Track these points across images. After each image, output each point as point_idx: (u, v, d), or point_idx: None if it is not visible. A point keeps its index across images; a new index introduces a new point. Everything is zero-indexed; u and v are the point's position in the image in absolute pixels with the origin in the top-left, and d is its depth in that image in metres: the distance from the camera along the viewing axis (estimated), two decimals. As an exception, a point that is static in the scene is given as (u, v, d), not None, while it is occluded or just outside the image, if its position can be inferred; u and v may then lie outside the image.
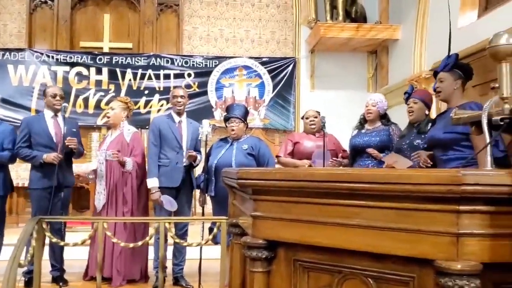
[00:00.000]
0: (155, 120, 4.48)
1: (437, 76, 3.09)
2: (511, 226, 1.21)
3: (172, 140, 4.24)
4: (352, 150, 4.11)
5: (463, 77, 3.04)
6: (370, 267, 1.40)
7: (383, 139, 3.90)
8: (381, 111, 4.02)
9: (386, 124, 4.00)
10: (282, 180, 1.54)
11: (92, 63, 7.59)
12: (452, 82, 3.01)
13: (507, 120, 1.34)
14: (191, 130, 4.35)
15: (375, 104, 4.00)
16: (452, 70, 3.02)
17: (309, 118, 4.39)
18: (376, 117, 4.01)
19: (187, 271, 4.33)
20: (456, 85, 3.01)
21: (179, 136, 4.27)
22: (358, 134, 4.06)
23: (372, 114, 4.00)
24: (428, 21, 6.05)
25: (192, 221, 4.43)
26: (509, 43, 1.36)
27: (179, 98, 4.33)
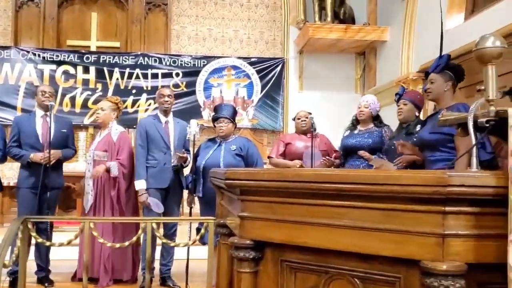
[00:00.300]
0: (141, 121, 4.48)
1: (428, 77, 3.10)
2: (496, 227, 1.23)
3: (159, 141, 4.22)
4: (343, 151, 4.12)
5: (454, 79, 3.04)
6: (357, 268, 1.41)
7: (376, 140, 3.91)
8: (374, 112, 4.04)
9: (378, 126, 4.02)
10: (269, 180, 1.54)
11: (79, 62, 7.52)
12: (442, 83, 3.02)
13: (493, 122, 1.35)
14: (178, 130, 4.33)
15: (368, 106, 4.02)
16: (443, 71, 3.02)
17: (300, 118, 4.40)
18: (368, 118, 4.03)
19: (175, 271, 4.32)
20: (447, 87, 3.02)
21: (166, 137, 4.25)
22: (350, 135, 4.08)
23: (364, 115, 4.01)
24: (416, 23, 6.09)
25: (180, 221, 4.41)
26: (495, 46, 1.37)
27: (166, 97, 4.31)
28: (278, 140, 4.67)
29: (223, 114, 4.10)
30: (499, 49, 1.38)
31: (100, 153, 4.26)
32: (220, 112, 4.14)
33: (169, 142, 4.24)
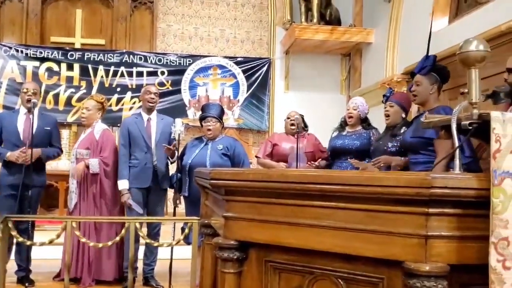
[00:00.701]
0: (124, 121, 4.46)
1: (414, 78, 3.11)
2: (478, 228, 1.24)
3: (140, 140, 4.20)
4: (331, 152, 4.14)
5: (439, 81, 3.06)
6: (341, 268, 1.42)
7: (363, 142, 3.93)
8: (362, 114, 4.05)
9: (366, 128, 4.04)
10: (254, 181, 1.54)
11: (63, 59, 7.43)
12: (428, 86, 3.03)
13: (476, 125, 1.36)
14: (161, 127, 4.29)
15: (356, 108, 4.03)
16: (429, 74, 3.03)
17: (290, 117, 4.39)
18: (356, 121, 4.04)
19: (158, 271, 4.29)
20: (432, 90, 3.03)
21: (147, 136, 4.22)
22: (338, 136, 4.09)
23: (353, 117, 4.02)
24: (401, 25, 6.14)
25: (164, 221, 4.38)
26: (479, 49, 1.39)
27: (152, 94, 4.28)
28: (267, 140, 4.67)
29: (211, 114, 4.06)
30: (483, 53, 1.39)
31: (83, 151, 4.22)
32: (208, 111, 4.11)
33: (150, 142, 4.21)
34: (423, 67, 3.03)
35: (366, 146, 3.91)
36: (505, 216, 1.17)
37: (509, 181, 1.18)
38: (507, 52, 4.10)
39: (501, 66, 4.10)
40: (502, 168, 1.19)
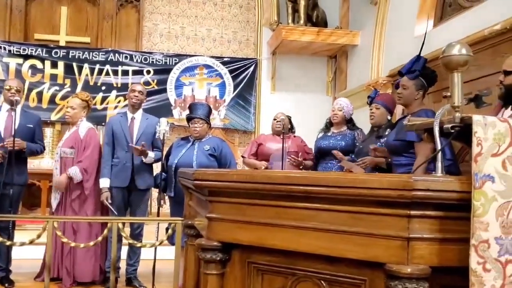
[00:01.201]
0: (110, 120, 4.45)
1: (401, 80, 3.10)
2: (459, 231, 1.25)
3: (122, 139, 4.17)
4: (317, 153, 4.16)
5: (426, 87, 3.06)
6: (324, 270, 1.42)
7: (348, 143, 3.97)
8: (347, 115, 4.09)
9: (351, 129, 4.08)
10: (238, 182, 1.53)
11: (47, 56, 7.34)
12: (414, 91, 3.02)
13: (458, 128, 1.38)
14: (144, 126, 4.25)
15: (341, 108, 4.07)
16: (417, 78, 3.02)
17: (276, 119, 4.41)
18: (342, 121, 4.08)
19: (141, 271, 4.26)
20: (418, 96, 3.04)
21: (128, 135, 4.18)
22: (324, 137, 4.13)
23: (338, 118, 4.06)
24: (386, 28, 6.19)
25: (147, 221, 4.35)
26: (461, 53, 1.40)
27: (136, 92, 4.25)
28: (253, 140, 4.69)
29: (198, 115, 4.04)
30: (465, 57, 1.41)
31: (67, 150, 4.17)
32: (195, 112, 4.08)
33: (131, 141, 4.18)
34: (412, 71, 3.02)
35: (350, 147, 3.95)
36: (486, 219, 1.19)
37: (490, 184, 1.20)
38: (490, 56, 4.16)
39: (484, 70, 4.17)
40: (483, 171, 1.20)
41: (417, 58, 3.02)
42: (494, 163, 1.21)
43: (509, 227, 1.20)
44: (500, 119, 1.25)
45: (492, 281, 1.18)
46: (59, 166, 4.17)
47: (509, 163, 1.21)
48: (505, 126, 1.23)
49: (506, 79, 2.52)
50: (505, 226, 1.19)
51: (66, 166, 4.14)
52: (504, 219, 1.19)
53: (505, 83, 2.53)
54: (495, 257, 1.19)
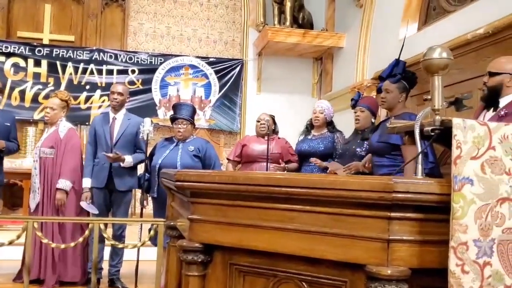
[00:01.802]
0: (93, 119, 4.45)
1: (384, 85, 3.16)
2: (438, 233, 1.26)
3: (102, 139, 4.16)
4: (298, 156, 4.19)
5: (407, 89, 3.14)
6: (305, 271, 1.42)
7: (327, 146, 4.00)
8: (328, 118, 4.13)
9: (331, 131, 4.11)
10: (220, 183, 1.53)
11: (31, 55, 7.25)
12: (397, 94, 3.10)
13: (438, 131, 1.39)
14: (126, 126, 4.22)
15: (323, 111, 4.10)
16: (399, 82, 3.09)
17: (260, 121, 4.41)
18: (323, 124, 4.11)
19: (124, 272, 4.23)
20: (401, 98, 3.12)
21: (108, 135, 4.16)
22: (304, 140, 4.16)
23: (319, 121, 4.09)
24: (371, 31, 6.23)
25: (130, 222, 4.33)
26: (442, 57, 1.41)
27: (115, 94, 4.22)
28: (238, 142, 4.70)
29: (182, 115, 4.00)
30: (446, 61, 1.42)
31: (46, 150, 4.12)
32: (179, 112, 4.04)
33: (111, 141, 4.15)
34: (393, 75, 3.08)
35: (330, 150, 3.98)
36: (465, 221, 1.20)
37: (469, 187, 1.21)
38: (473, 60, 4.21)
39: (467, 73, 4.22)
40: (463, 174, 1.21)
41: (396, 62, 3.09)
42: (473, 166, 1.22)
43: (487, 230, 1.21)
44: (479, 122, 1.26)
45: (470, 283, 1.19)
46: (39, 166, 4.11)
47: (487, 166, 1.23)
48: (484, 129, 1.24)
49: (490, 81, 2.56)
50: (484, 229, 1.21)
51: (46, 166, 4.10)
52: (482, 222, 1.21)
53: (488, 84, 2.57)
54: (473, 259, 1.20)
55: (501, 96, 2.54)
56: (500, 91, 2.53)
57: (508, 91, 2.52)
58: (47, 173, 4.10)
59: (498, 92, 2.53)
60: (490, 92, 2.56)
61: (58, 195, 4.04)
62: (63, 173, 4.07)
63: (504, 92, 2.52)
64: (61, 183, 4.04)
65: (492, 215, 1.21)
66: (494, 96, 2.55)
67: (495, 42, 3.98)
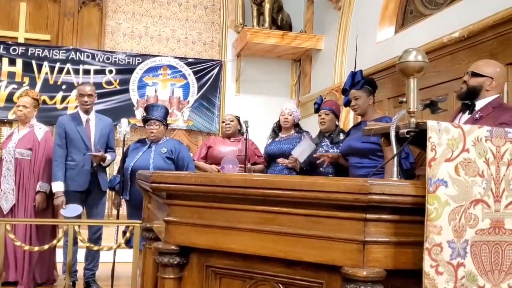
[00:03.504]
0: (60, 120, 4.18)
1: (351, 93, 3.31)
2: (414, 234, 1.27)
3: (78, 141, 4.05)
4: (267, 157, 4.24)
5: (372, 92, 3.32)
6: (281, 273, 1.42)
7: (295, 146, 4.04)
8: (296, 120, 4.24)
9: (298, 132, 4.20)
10: (197, 184, 1.51)
11: (5, 53, 7.10)
12: (366, 99, 3.30)
13: (413, 133, 1.40)
14: (100, 127, 4.17)
15: (291, 113, 4.20)
16: (364, 87, 3.28)
17: (225, 121, 4.43)
18: (291, 126, 4.21)
19: (100, 275, 4.18)
20: (370, 101, 3.31)
21: (86, 137, 4.09)
22: (272, 142, 4.23)
23: (288, 123, 4.19)
24: (349, 34, 6.27)
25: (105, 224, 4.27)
26: (417, 60, 1.43)
27: (85, 97, 4.12)
28: (203, 143, 4.69)
29: (155, 116, 3.96)
30: (421, 63, 1.44)
31: (24, 151, 4.04)
32: (151, 113, 3.99)
33: (89, 143, 4.09)
34: (356, 83, 3.26)
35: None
36: (439, 222, 1.21)
37: (443, 189, 1.22)
38: (449, 63, 4.27)
39: (443, 76, 4.28)
40: (437, 176, 1.22)
41: (354, 73, 3.34)
42: (447, 168, 1.23)
43: (461, 231, 1.22)
44: (453, 124, 1.28)
45: (444, 284, 1.21)
46: (13, 167, 4.02)
47: (461, 168, 1.24)
48: (458, 132, 1.26)
49: (471, 80, 2.59)
50: (457, 230, 1.22)
51: (22, 167, 4.02)
52: (456, 223, 1.22)
53: (469, 83, 2.60)
54: (447, 260, 1.21)
55: (478, 99, 2.58)
56: (479, 92, 2.57)
57: (486, 95, 2.56)
58: (22, 175, 4.01)
59: (476, 93, 2.57)
60: (469, 91, 2.60)
61: (38, 197, 3.97)
62: (43, 176, 4.01)
63: (481, 95, 2.56)
64: (42, 185, 3.98)
65: (466, 217, 1.23)
66: (471, 96, 2.59)
67: (470, 45, 4.05)
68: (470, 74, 2.61)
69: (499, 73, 2.60)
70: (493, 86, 2.56)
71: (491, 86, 2.56)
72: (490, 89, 2.56)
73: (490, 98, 2.55)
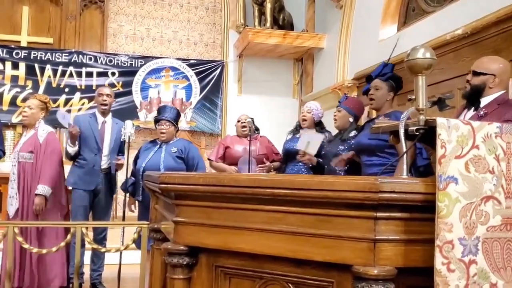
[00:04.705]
0: (76, 118, 4.30)
1: (373, 82, 3.18)
2: (424, 232, 1.27)
3: (91, 141, 4.08)
4: (284, 155, 4.18)
5: (395, 90, 3.17)
6: (291, 273, 1.42)
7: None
8: (316, 118, 4.13)
9: (319, 131, 4.11)
10: (205, 185, 1.51)
11: (8, 57, 7.11)
12: (386, 93, 3.13)
13: (422, 131, 1.40)
14: (115, 131, 4.20)
15: (310, 111, 4.11)
16: (388, 81, 3.13)
17: (240, 121, 4.39)
18: (310, 124, 4.11)
19: (106, 277, 4.18)
20: (389, 97, 3.14)
21: (99, 138, 4.11)
22: (292, 139, 4.15)
23: (306, 121, 4.10)
24: (351, 32, 6.27)
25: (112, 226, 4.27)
26: (425, 57, 1.42)
27: (104, 96, 4.20)
28: (219, 142, 4.66)
29: (165, 117, 4.02)
30: (429, 61, 1.43)
31: (26, 154, 4.02)
32: (163, 114, 4.06)
33: (101, 144, 4.11)
34: (383, 73, 3.12)
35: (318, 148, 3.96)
36: (450, 220, 1.20)
37: (454, 186, 1.22)
38: (452, 60, 4.26)
39: (446, 74, 4.28)
40: (447, 173, 1.22)
41: (385, 64, 3.13)
42: (457, 165, 1.23)
43: (472, 228, 1.22)
44: (463, 121, 1.27)
45: (456, 281, 1.20)
46: (17, 171, 4.02)
47: (471, 165, 1.24)
48: (468, 129, 1.26)
49: (474, 80, 2.58)
50: (468, 227, 1.22)
51: (25, 171, 4.00)
52: (467, 220, 1.22)
53: (472, 82, 2.59)
54: (459, 257, 1.21)
55: (482, 96, 2.56)
56: (483, 90, 2.55)
57: (490, 92, 2.55)
58: (26, 178, 4.00)
59: (480, 91, 2.56)
60: (473, 90, 2.59)
61: (36, 200, 3.94)
62: (43, 178, 3.98)
63: (486, 92, 2.55)
64: (40, 188, 3.95)
65: (477, 214, 1.23)
66: (476, 95, 2.58)
67: (473, 42, 4.04)
68: (472, 74, 2.60)
69: (502, 70, 2.58)
70: (496, 83, 2.54)
71: (495, 83, 2.54)
72: (494, 86, 2.54)
73: (495, 94, 2.54)
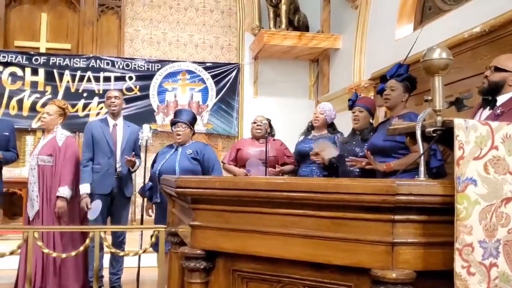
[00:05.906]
0: (88, 124, 4.37)
1: (388, 82, 3.16)
2: (442, 235, 1.25)
3: (104, 145, 4.13)
4: (297, 156, 4.17)
5: (410, 91, 3.16)
6: (309, 276, 1.41)
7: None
8: (329, 119, 4.12)
9: (332, 133, 4.10)
10: (221, 189, 1.51)
11: (28, 64, 7.23)
12: (401, 93, 3.13)
13: (440, 132, 1.38)
14: (127, 134, 4.24)
15: (323, 112, 4.10)
16: (403, 81, 3.13)
17: (256, 122, 4.40)
18: (322, 125, 4.10)
19: (125, 280, 4.21)
20: (404, 97, 3.15)
21: (111, 142, 4.16)
22: (304, 140, 4.15)
23: (318, 121, 4.09)
24: (367, 32, 6.23)
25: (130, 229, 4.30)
26: (442, 57, 1.40)
27: (113, 98, 4.25)
28: (233, 145, 4.68)
29: (181, 119, 4.03)
30: (446, 61, 1.41)
31: (45, 157, 4.09)
32: (179, 116, 4.08)
33: (114, 147, 4.16)
34: (399, 74, 3.10)
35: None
36: (469, 222, 1.19)
37: (473, 188, 1.20)
38: (470, 59, 4.21)
39: (464, 72, 4.22)
40: (466, 175, 1.20)
41: (400, 65, 3.11)
42: (476, 166, 1.21)
43: (492, 230, 1.20)
44: (481, 122, 1.25)
45: (477, 285, 1.18)
46: (37, 174, 4.08)
47: (490, 166, 1.22)
48: (486, 129, 1.23)
49: (493, 75, 2.54)
50: (489, 229, 1.19)
51: (45, 174, 4.06)
52: (487, 222, 1.20)
53: (491, 78, 2.54)
54: (479, 260, 1.19)
55: (500, 94, 2.52)
56: (501, 88, 2.51)
57: (508, 90, 2.50)
58: (45, 181, 4.06)
59: (498, 88, 2.52)
60: (491, 86, 2.55)
61: (59, 203, 3.99)
62: (63, 181, 4.04)
63: (504, 90, 2.51)
64: (62, 191, 4.01)
65: (497, 216, 1.20)
66: (493, 91, 2.54)
67: (491, 40, 3.98)
68: (493, 69, 2.55)
69: None
70: None
71: None
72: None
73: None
